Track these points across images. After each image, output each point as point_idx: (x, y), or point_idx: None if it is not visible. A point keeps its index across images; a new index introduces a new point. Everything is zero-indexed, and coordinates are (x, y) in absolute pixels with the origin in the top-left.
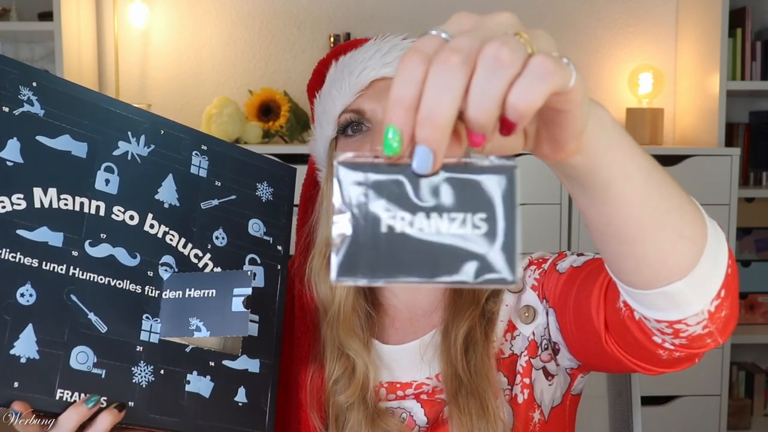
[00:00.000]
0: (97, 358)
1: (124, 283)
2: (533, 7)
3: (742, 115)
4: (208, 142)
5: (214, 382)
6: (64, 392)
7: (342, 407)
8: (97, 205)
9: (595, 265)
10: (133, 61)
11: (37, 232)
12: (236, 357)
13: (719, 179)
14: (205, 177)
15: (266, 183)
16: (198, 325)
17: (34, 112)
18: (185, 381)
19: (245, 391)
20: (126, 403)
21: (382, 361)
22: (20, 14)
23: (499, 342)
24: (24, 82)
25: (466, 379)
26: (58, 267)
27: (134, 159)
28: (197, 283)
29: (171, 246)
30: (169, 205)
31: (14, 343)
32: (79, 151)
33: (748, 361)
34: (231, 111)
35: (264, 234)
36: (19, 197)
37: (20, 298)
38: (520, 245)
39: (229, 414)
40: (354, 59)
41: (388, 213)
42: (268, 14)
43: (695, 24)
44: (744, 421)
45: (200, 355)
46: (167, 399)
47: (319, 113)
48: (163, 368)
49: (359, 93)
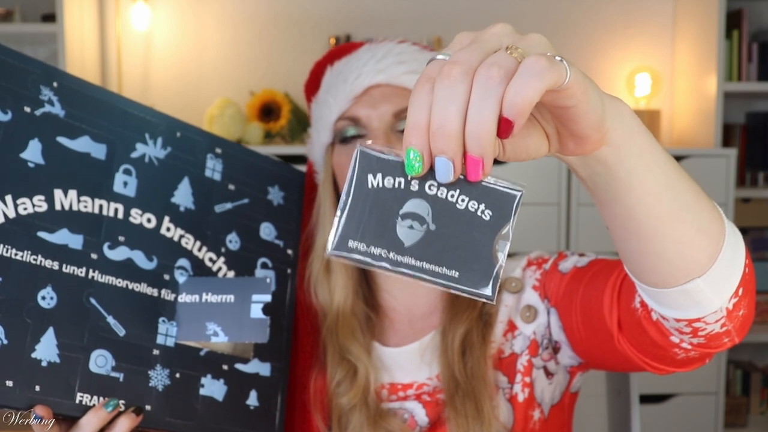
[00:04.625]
0: (115, 362)
1: (141, 286)
2: (532, 8)
3: (738, 116)
4: (222, 145)
5: (228, 385)
6: (84, 396)
7: (344, 409)
8: (116, 207)
9: (603, 265)
10: (135, 62)
11: (58, 234)
12: (248, 360)
13: (716, 180)
14: (219, 180)
15: (277, 187)
16: (216, 330)
17: (55, 113)
18: (200, 385)
19: (257, 395)
20: (143, 407)
21: (382, 364)
22: (24, 16)
23: (499, 342)
24: (45, 82)
25: (463, 381)
26: (78, 270)
27: (151, 161)
28: (214, 287)
29: (186, 249)
30: (184, 209)
31: (35, 347)
32: (99, 152)
33: (745, 359)
34: (232, 112)
35: (275, 238)
36: (41, 199)
37: (41, 301)
38: (503, 264)
39: (241, 417)
40: (348, 66)
41: (395, 201)
42: (270, 16)
43: (692, 26)
44: (740, 419)
45: (214, 359)
46: (182, 402)
47: (316, 118)
48: (178, 372)
49: (354, 100)
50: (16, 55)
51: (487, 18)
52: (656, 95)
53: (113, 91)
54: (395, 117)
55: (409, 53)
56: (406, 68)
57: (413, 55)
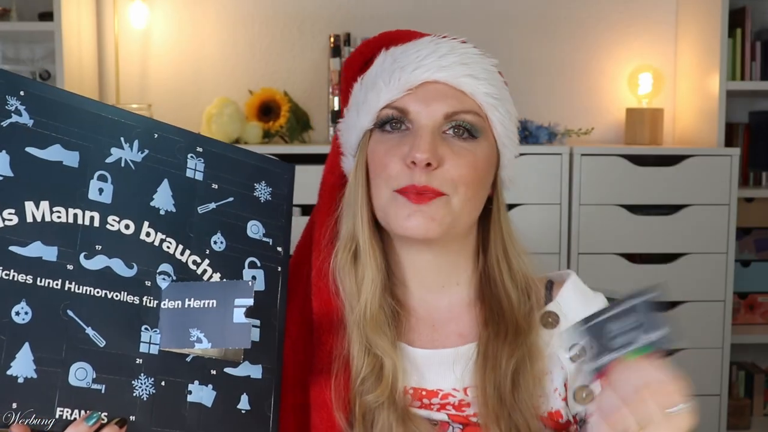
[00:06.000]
0: (96, 374)
1: (121, 295)
2: (533, 7)
3: (741, 116)
4: (203, 144)
5: (216, 390)
6: (64, 410)
7: (370, 406)
8: (91, 215)
9: None
10: (133, 61)
11: (31, 248)
12: (238, 364)
13: (719, 179)
14: (201, 180)
15: (264, 182)
16: (199, 337)
17: (23, 123)
18: (187, 391)
19: (248, 398)
20: (127, 418)
21: (409, 363)
22: (21, 14)
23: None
24: (11, 91)
25: (510, 403)
26: (53, 282)
27: (128, 165)
28: (197, 292)
29: (168, 254)
30: (165, 212)
31: (11, 363)
32: (71, 160)
33: (748, 360)
34: (231, 111)
35: (263, 236)
36: (11, 212)
37: (15, 317)
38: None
39: (232, 422)
40: (406, 54)
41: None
42: (268, 14)
43: (695, 24)
44: (744, 421)
45: (201, 364)
46: (169, 411)
47: (359, 100)
48: (164, 380)
49: (407, 91)
50: None
51: (487, 18)
52: (658, 94)
53: (85, 96)
54: (446, 118)
55: (471, 55)
56: (467, 70)
57: (475, 58)
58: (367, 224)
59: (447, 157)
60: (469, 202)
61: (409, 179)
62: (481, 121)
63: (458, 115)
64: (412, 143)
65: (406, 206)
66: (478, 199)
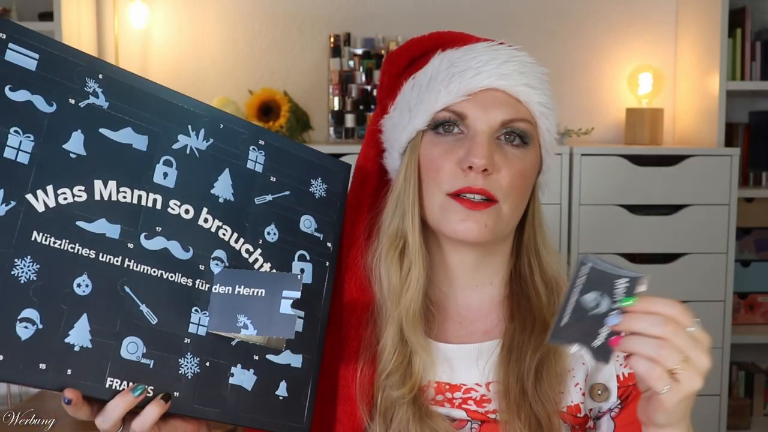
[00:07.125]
0: (146, 349)
1: (176, 276)
2: (533, 7)
3: (741, 116)
4: (265, 137)
5: (257, 375)
6: (114, 380)
7: (392, 402)
8: (155, 198)
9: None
10: (133, 60)
11: (96, 224)
12: (280, 352)
13: (719, 179)
14: (261, 172)
15: (320, 179)
16: (246, 323)
17: (99, 105)
18: (229, 374)
19: (286, 386)
20: (172, 394)
21: (437, 358)
22: (20, 14)
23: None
24: (90, 74)
25: (532, 394)
26: (113, 259)
27: (193, 153)
28: (247, 280)
29: (223, 240)
30: (224, 200)
31: (69, 332)
32: (140, 144)
33: (748, 360)
34: (231, 111)
35: (315, 230)
36: (81, 189)
37: (77, 288)
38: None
39: (269, 407)
40: (466, 59)
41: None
42: (268, 14)
43: (695, 24)
44: (744, 421)
45: (245, 349)
46: (211, 391)
47: (413, 101)
48: (209, 360)
49: (466, 96)
50: (62, 48)
51: (487, 18)
52: (658, 94)
53: (158, 83)
54: (502, 125)
55: (527, 64)
56: (525, 79)
57: (530, 67)
58: (418, 224)
59: (501, 164)
60: (516, 209)
61: (464, 182)
62: (532, 129)
63: (513, 123)
64: (469, 148)
65: (459, 211)
66: (524, 204)
